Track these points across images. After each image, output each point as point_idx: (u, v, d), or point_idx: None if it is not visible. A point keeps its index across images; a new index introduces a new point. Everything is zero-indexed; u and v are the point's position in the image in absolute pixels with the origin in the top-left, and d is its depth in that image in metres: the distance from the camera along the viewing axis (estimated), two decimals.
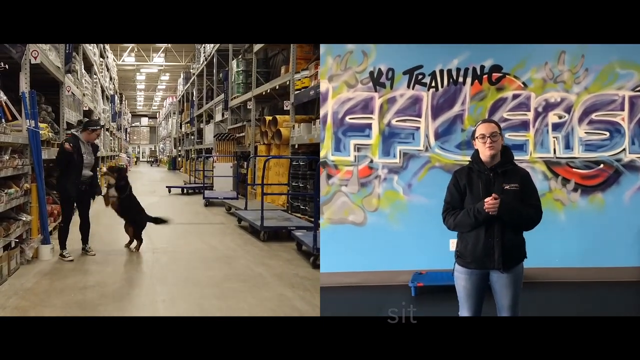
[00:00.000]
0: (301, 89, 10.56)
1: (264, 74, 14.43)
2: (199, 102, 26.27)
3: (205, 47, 22.65)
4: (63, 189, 6.50)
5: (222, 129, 19.38)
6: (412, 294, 5.56)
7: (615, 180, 5.99)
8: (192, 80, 27.85)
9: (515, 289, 3.32)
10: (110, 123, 22.84)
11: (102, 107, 18.77)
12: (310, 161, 9.50)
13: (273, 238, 7.92)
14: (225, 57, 18.78)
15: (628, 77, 5.94)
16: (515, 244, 3.30)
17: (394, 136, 6.02)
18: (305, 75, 10.39)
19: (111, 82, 23.56)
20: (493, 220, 3.21)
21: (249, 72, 15.00)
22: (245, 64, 15.53)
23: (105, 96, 20.18)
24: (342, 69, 6.01)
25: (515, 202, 3.23)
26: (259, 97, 14.10)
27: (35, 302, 4.80)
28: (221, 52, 19.78)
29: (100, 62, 18.28)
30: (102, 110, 18.68)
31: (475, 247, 3.27)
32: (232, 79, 16.41)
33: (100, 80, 17.87)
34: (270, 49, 14.77)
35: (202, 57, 23.66)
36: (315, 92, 9.60)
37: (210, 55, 21.22)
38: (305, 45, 11.14)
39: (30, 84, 6.62)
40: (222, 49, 19.46)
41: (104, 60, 19.59)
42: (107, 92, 21.19)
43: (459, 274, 3.38)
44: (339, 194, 6.05)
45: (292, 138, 10.74)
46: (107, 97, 21.10)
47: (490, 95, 5.99)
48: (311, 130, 9.75)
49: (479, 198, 3.24)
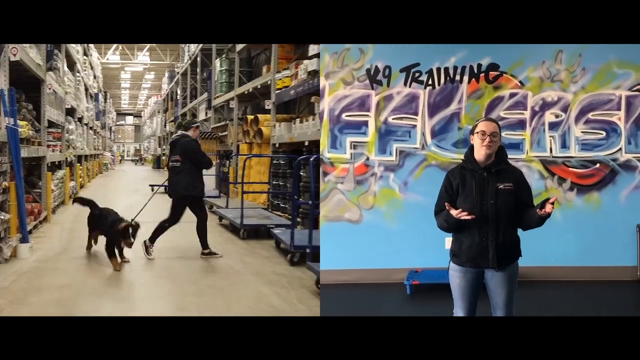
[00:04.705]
0: (282, 88, 10.73)
1: (247, 73, 14.63)
2: (183, 100, 26.19)
3: (190, 46, 22.60)
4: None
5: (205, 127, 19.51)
6: (407, 291, 5.56)
7: (612, 180, 6.00)
8: (177, 79, 27.79)
9: (509, 287, 3.31)
10: (94, 121, 22.72)
11: (86, 106, 18.63)
12: (291, 160, 9.61)
13: (253, 236, 7.99)
14: (209, 56, 18.85)
15: (625, 76, 5.94)
16: (510, 243, 3.28)
17: (390, 134, 6.01)
18: (286, 75, 10.56)
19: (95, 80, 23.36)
20: (487, 220, 3.20)
21: (232, 71, 15.16)
22: (228, 63, 15.69)
23: (89, 94, 20.04)
24: (338, 66, 5.99)
25: (511, 202, 3.21)
26: (242, 96, 14.26)
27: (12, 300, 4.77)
28: (205, 51, 19.82)
29: (84, 60, 18.11)
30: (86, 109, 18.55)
31: (469, 246, 3.25)
32: (216, 78, 16.56)
33: (84, 78, 17.72)
34: (253, 48, 14.98)
35: (186, 56, 23.63)
36: (295, 91, 9.77)
37: (194, 54, 21.27)
38: (286, 45, 11.33)
39: (9, 81, 6.57)
40: (205, 48, 19.50)
41: (88, 58, 19.41)
42: (91, 90, 21.04)
43: (454, 272, 3.37)
44: (334, 192, 6.03)
45: (273, 137, 10.88)
46: (90, 95, 20.96)
47: (487, 93, 5.98)
48: (291, 130, 9.88)
49: (471, 197, 3.22)
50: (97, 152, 24.52)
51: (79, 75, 16.10)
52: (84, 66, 18.16)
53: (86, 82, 18.69)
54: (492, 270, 3.28)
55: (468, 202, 3.22)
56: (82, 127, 17.31)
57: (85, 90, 18.72)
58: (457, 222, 3.17)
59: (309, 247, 5.89)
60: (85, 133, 18.18)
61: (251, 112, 14.94)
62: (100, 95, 27.04)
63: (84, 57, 18.34)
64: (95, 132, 23.84)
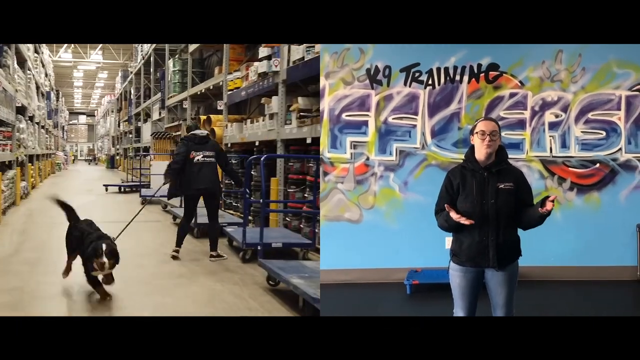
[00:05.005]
0: (233, 89, 10.94)
1: (199, 74, 14.88)
2: (137, 100, 26.24)
3: (143, 46, 22.55)
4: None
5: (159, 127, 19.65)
6: (407, 291, 5.56)
7: (611, 180, 6.00)
8: (130, 78, 27.77)
9: (509, 287, 3.31)
10: (46, 120, 22.61)
11: (37, 104, 18.51)
12: (242, 159, 9.81)
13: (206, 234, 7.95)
14: (162, 56, 18.99)
15: (625, 76, 5.94)
16: (510, 243, 3.28)
17: (390, 134, 6.01)
18: (238, 76, 10.75)
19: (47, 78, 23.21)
20: (488, 220, 3.20)
21: (184, 72, 15.37)
22: (181, 64, 15.94)
23: (40, 92, 19.94)
24: (338, 66, 5.99)
25: (512, 201, 3.22)
26: (195, 96, 14.49)
27: None
28: (158, 51, 19.88)
29: (35, 58, 17.97)
30: (37, 107, 18.43)
31: (469, 246, 3.25)
32: (169, 79, 16.76)
33: (35, 76, 17.59)
34: (205, 49, 15.22)
35: (139, 55, 23.61)
36: (246, 92, 10.02)
37: (147, 54, 21.28)
38: (237, 47, 11.59)
39: None
40: (159, 48, 19.57)
41: (39, 56, 19.26)
42: (43, 88, 20.93)
43: (454, 272, 3.37)
44: (335, 191, 6.04)
45: (225, 137, 11.09)
46: (42, 93, 20.86)
47: (487, 93, 5.98)
48: (243, 130, 10.14)
49: (472, 197, 3.22)
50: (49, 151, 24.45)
51: (29, 73, 15.96)
52: (35, 64, 17.98)
53: (37, 80, 18.51)
54: (493, 270, 3.28)
55: (468, 201, 3.23)
56: (34, 126, 17.18)
57: (37, 89, 18.56)
58: (457, 223, 3.18)
59: (260, 245, 6.15)
60: (36, 132, 18.00)
61: (204, 113, 15.20)
62: (52, 94, 26.84)
63: (35, 55, 18.14)
64: (48, 131, 23.70)
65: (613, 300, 5.45)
